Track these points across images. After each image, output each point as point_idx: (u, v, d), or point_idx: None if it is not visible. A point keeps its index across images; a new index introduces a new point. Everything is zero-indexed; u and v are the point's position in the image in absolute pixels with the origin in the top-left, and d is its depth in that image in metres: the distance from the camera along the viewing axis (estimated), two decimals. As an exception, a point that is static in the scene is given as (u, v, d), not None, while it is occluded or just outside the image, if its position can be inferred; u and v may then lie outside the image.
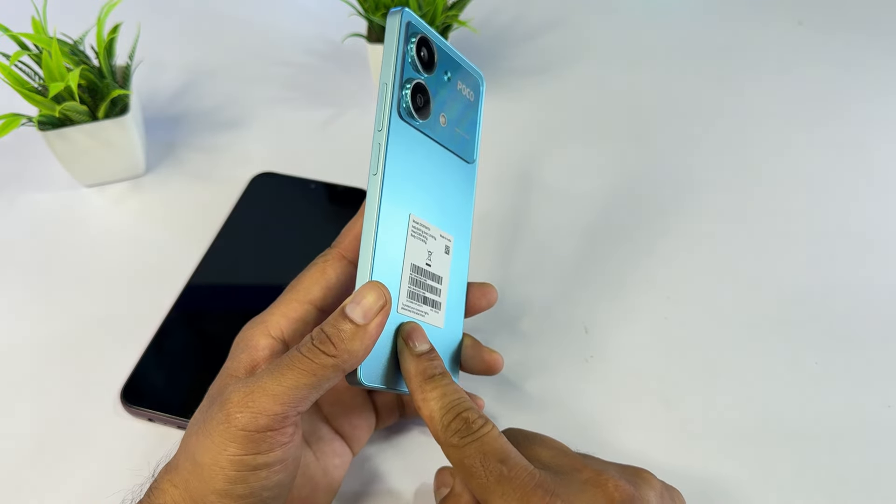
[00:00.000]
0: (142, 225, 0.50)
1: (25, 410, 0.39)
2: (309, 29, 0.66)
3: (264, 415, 0.26)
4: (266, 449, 0.27)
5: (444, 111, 0.33)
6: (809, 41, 0.65)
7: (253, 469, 0.27)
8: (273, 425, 0.26)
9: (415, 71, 0.31)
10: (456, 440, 0.27)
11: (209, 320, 0.43)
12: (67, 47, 0.47)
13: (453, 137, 0.34)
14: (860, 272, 0.46)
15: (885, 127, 0.56)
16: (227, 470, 0.26)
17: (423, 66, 0.31)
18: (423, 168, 0.32)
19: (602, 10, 0.68)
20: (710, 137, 0.56)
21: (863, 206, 0.50)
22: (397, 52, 0.30)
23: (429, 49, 0.32)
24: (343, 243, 0.33)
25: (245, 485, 0.27)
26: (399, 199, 0.30)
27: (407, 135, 0.31)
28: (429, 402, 0.28)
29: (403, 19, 0.30)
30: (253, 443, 0.26)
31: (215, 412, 0.27)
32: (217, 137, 0.56)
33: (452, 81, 0.33)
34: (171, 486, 0.28)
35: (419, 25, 0.31)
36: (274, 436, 0.27)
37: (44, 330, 0.43)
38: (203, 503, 0.27)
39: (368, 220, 0.29)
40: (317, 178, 0.51)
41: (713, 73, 0.61)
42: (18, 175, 0.53)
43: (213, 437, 0.27)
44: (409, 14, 0.31)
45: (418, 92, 0.31)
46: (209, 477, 0.27)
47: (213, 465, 0.26)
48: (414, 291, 0.31)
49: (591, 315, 0.43)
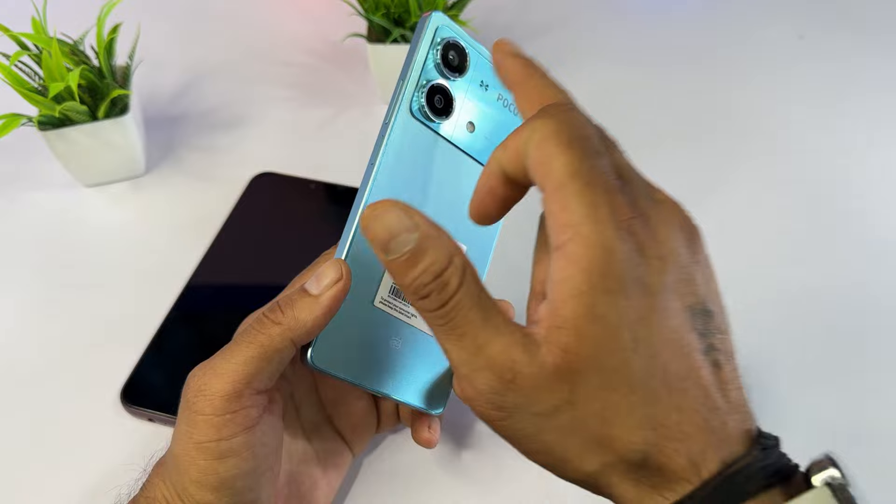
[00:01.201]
0: (142, 225, 0.50)
1: (25, 410, 0.39)
2: (309, 29, 0.66)
3: (217, 395, 0.26)
4: (228, 433, 0.26)
5: (473, 119, 0.33)
6: (811, 41, 0.65)
7: (219, 457, 0.26)
8: (229, 406, 0.26)
9: (439, 74, 0.31)
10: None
11: (209, 320, 0.43)
12: (67, 47, 0.47)
13: (481, 147, 0.33)
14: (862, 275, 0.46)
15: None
16: (197, 459, 0.26)
17: (451, 69, 0.31)
18: (432, 169, 0.32)
19: (602, 10, 0.68)
20: (710, 138, 0.56)
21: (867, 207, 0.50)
22: (417, 53, 0.31)
23: (459, 54, 0.32)
24: None
25: (216, 475, 0.26)
26: (392, 193, 0.30)
27: (416, 132, 0.31)
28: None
29: (431, 23, 0.31)
30: (214, 427, 0.26)
31: (181, 402, 0.27)
32: (217, 137, 0.56)
33: (490, 92, 0.33)
34: (160, 479, 0.28)
35: (450, 30, 0.31)
36: (234, 418, 0.26)
37: (44, 330, 0.43)
38: (184, 495, 0.27)
39: (354, 206, 0.30)
40: (317, 178, 0.51)
41: (713, 74, 0.61)
42: (18, 175, 0.53)
43: (179, 425, 0.27)
44: (439, 18, 0.31)
45: (437, 93, 0.31)
46: (184, 467, 0.26)
47: (184, 455, 0.26)
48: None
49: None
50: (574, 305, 0.21)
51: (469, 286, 0.23)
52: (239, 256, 0.46)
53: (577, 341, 0.21)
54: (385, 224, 0.22)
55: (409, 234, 0.22)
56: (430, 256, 0.22)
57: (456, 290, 0.22)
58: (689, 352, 0.22)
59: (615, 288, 0.21)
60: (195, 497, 0.26)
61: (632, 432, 0.21)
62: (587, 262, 0.21)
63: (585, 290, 0.21)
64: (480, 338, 0.22)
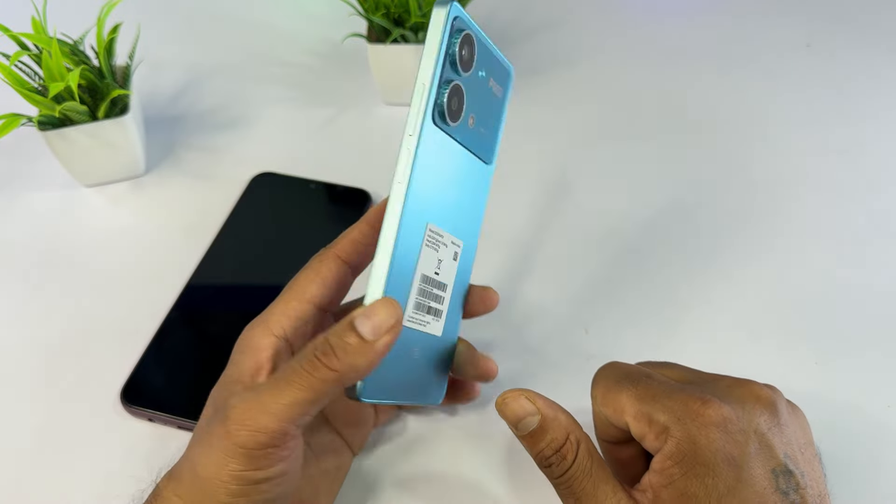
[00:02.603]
0: (142, 225, 0.50)
1: (25, 410, 0.39)
2: (309, 29, 0.66)
3: (263, 433, 0.26)
4: (266, 465, 0.27)
5: (473, 112, 0.31)
6: (814, 39, 0.65)
7: (254, 483, 0.27)
8: (273, 442, 0.26)
9: (454, 71, 0.28)
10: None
11: (209, 320, 0.43)
12: (67, 47, 0.47)
13: (476, 138, 0.31)
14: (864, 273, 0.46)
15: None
16: (229, 484, 0.26)
17: (463, 65, 0.29)
18: (445, 174, 0.30)
19: (602, 10, 0.68)
20: (710, 138, 0.56)
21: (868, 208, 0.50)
22: (440, 50, 0.27)
23: (470, 47, 0.29)
24: (339, 244, 0.33)
25: (247, 498, 0.27)
26: (419, 209, 0.29)
27: (436, 141, 0.29)
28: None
29: (451, 14, 0.27)
30: (253, 459, 0.26)
31: (216, 426, 0.27)
32: (217, 137, 0.56)
33: (485, 78, 0.31)
34: (175, 495, 0.28)
35: (466, 21, 0.28)
36: (275, 452, 0.27)
37: (44, 330, 0.43)
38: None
39: (388, 230, 0.28)
40: (317, 178, 0.51)
41: (714, 74, 0.61)
42: (18, 175, 0.53)
43: (214, 451, 0.27)
44: (458, 8, 0.28)
45: (455, 95, 0.29)
46: (212, 490, 0.27)
47: (215, 479, 0.26)
48: (420, 302, 0.30)
49: (592, 316, 0.43)
50: (671, 491, 0.27)
51: (582, 459, 0.28)
52: (239, 256, 0.46)
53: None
54: (514, 410, 0.29)
55: (532, 417, 0.29)
56: (550, 435, 0.28)
57: (571, 462, 0.28)
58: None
59: (704, 471, 0.26)
60: None
61: None
62: (680, 455, 0.27)
63: (678, 478, 0.27)
64: (592, 503, 0.28)
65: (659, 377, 0.30)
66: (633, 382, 0.29)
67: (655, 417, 0.28)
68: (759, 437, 0.27)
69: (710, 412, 0.27)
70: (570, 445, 0.28)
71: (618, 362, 0.32)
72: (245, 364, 0.30)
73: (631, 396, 0.29)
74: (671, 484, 0.27)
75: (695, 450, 0.27)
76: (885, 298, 0.44)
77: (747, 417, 0.28)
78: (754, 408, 0.28)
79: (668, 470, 0.27)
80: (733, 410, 0.28)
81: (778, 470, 0.27)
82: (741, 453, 0.27)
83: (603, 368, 0.32)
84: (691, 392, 0.28)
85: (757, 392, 0.29)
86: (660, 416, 0.28)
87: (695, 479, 0.26)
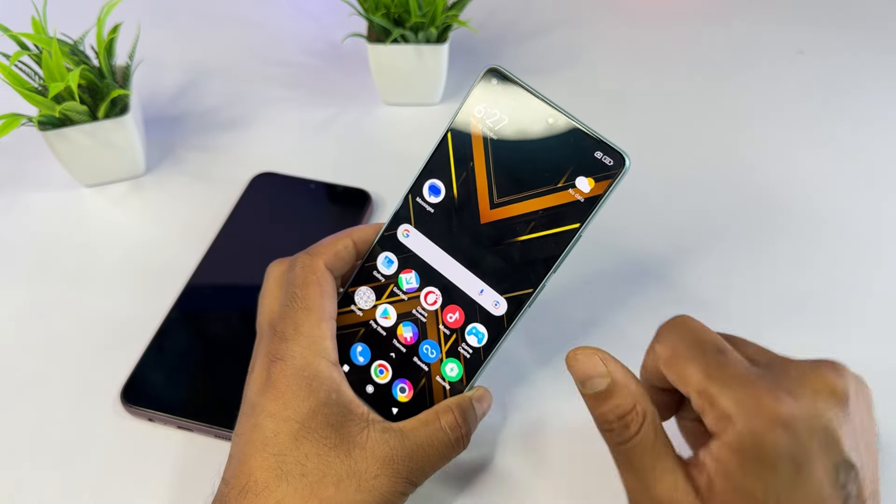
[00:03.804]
0: (142, 225, 0.50)
1: (25, 410, 0.39)
2: (309, 29, 0.66)
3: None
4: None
5: None
6: (811, 37, 0.65)
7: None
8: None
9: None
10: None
11: (209, 320, 0.43)
12: (67, 47, 0.47)
13: None
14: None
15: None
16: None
17: None
18: None
19: (602, 10, 0.68)
20: (710, 138, 0.56)
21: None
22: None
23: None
24: (325, 255, 0.34)
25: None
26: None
27: None
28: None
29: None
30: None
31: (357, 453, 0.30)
32: (217, 137, 0.56)
33: None
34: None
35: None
36: None
37: (44, 330, 0.43)
38: None
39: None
40: (317, 178, 0.51)
41: (714, 74, 0.61)
42: (18, 175, 0.53)
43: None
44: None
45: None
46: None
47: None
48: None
49: (593, 315, 0.43)
50: (726, 484, 0.26)
51: (647, 433, 0.27)
52: (239, 256, 0.46)
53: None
54: (584, 367, 0.28)
55: (602, 379, 0.28)
56: (616, 401, 0.27)
57: (635, 433, 0.27)
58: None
59: (762, 469, 0.25)
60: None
61: None
62: (741, 448, 0.26)
63: (735, 470, 0.26)
64: (649, 478, 0.27)
65: (732, 357, 0.28)
66: (705, 356, 0.27)
67: (721, 402, 0.26)
68: (827, 434, 0.26)
69: (781, 410, 0.26)
70: (635, 416, 0.27)
71: (690, 320, 0.29)
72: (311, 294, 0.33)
73: (699, 371, 0.27)
74: (727, 475, 0.26)
75: (757, 446, 0.25)
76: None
77: (818, 414, 0.26)
78: (827, 402, 0.27)
79: (726, 460, 0.26)
80: (804, 407, 0.26)
81: (840, 464, 0.26)
82: (805, 452, 0.26)
83: (674, 324, 0.29)
84: (763, 385, 0.26)
85: (831, 383, 0.27)
86: (726, 402, 0.26)
87: (752, 476, 0.25)
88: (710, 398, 0.26)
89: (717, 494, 0.26)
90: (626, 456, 0.27)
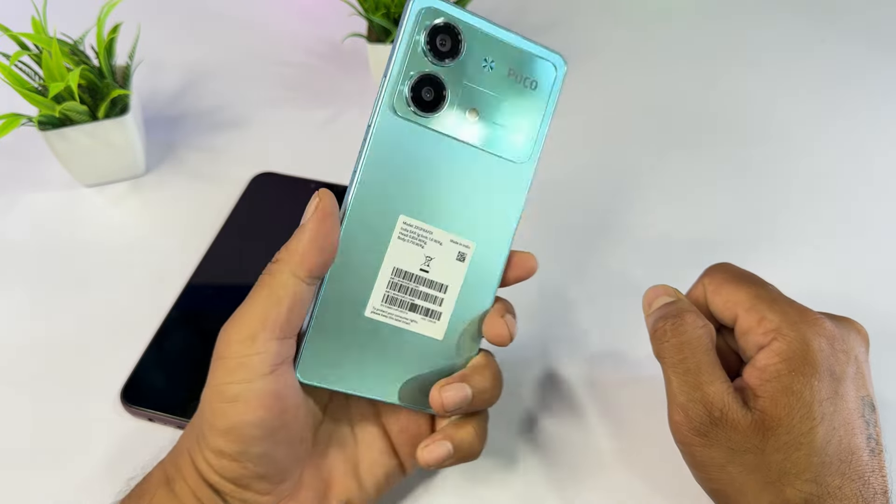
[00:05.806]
0: (142, 225, 0.50)
1: (26, 410, 0.39)
2: (309, 29, 0.66)
3: (233, 340, 0.28)
4: (240, 378, 0.27)
5: (476, 105, 0.30)
6: (810, 39, 0.65)
7: (230, 400, 0.27)
8: (243, 350, 0.28)
9: (429, 61, 0.29)
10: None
11: (209, 320, 0.43)
12: (67, 47, 0.47)
13: (489, 134, 0.30)
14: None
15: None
16: (213, 402, 0.28)
17: (441, 55, 0.29)
18: (426, 168, 0.30)
19: (602, 10, 0.68)
20: (710, 138, 0.56)
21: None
22: (400, 42, 0.28)
23: (451, 36, 0.29)
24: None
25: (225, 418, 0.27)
26: (380, 200, 0.30)
27: (400, 132, 0.29)
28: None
29: (414, 6, 0.28)
30: (228, 371, 0.28)
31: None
32: (217, 137, 0.56)
33: (497, 69, 0.30)
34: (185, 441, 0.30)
35: (447, 11, 0.28)
36: (247, 361, 0.27)
37: (44, 330, 0.43)
38: (202, 441, 0.28)
39: (341, 211, 0.30)
40: (317, 178, 0.51)
41: (715, 74, 0.61)
42: (18, 175, 0.53)
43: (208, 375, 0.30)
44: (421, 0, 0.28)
45: (426, 84, 0.29)
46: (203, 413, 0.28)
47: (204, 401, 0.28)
48: (395, 297, 0.30)
49: (593, 314, 0.43)
50: (775, 385, 0.28)
51: (704, 336, 0.30)
52: (239, 256, 0.46)
53: (775, 408, 0.28)
54: (654, 290, 0.33)
55: (669, 297, 0.32)
56: (680, 304, 0.31)
57: (693, 329, 0.30)
58: (857, 433, 0.28)
59: (810, 372, 0.28)
60: (209, 441, 0.28)
61: (803, 483, 0.27)
62: (789, 353, 0.28)
63: (785, 373, 0.28)
64: (703, 378, 0.29)
65: (775, 288, 0.31)
66: (753, 283, 0.31)
67: (769, 317, 0.29)
68: (857, 364, 0.29)
69: (825, 325, 0.29)
70: (696, 317, 0.30)
71: (733, 265, 0.33)
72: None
73: (749, 293, 0.30)
74: (777, 378, 0.28)
75: (806, 351, 0.28)
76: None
77: (851, 343, 0.29)
78: (857, 337, 0.30)
79: (775, 366, 0.28)
80: (843, 333, 0.29)
81: (865, 399, 0.29)
82: (842, 371, 0.28)
83: (720, 265, 0.33)
84: (806, 308, 0.30)
85: (858, 327, 0.31)
86: (774, 317, 0.29)
87: (801, 378, 0.28)
88: (759, 313, 0.29)
89: (766, 396, 0.28)
90: (682, 353, 0.29)
